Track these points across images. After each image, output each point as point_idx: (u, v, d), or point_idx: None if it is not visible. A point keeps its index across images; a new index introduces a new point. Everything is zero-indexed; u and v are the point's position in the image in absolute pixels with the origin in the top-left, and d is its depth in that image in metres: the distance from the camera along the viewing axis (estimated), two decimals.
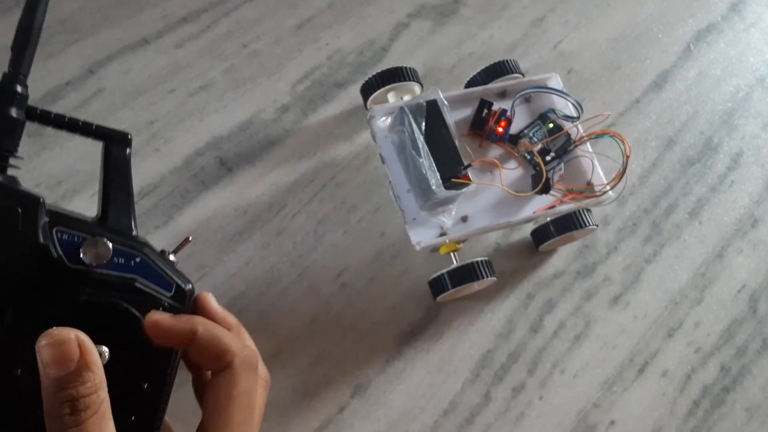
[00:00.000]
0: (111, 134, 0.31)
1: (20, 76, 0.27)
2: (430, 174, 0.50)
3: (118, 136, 0.32)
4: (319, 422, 0.51)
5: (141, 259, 0.29)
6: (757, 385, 0.59)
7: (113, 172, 0.31)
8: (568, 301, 0.59)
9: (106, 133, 0.31)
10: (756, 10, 0.78)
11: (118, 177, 0.31)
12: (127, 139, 0.32)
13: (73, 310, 0.26)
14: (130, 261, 0.28)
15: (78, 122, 0.30)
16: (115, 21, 0.63)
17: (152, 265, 0.29)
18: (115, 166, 0.31)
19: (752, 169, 0.69)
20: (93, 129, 0.30)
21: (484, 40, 0.69)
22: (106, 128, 0.31)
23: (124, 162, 0.31)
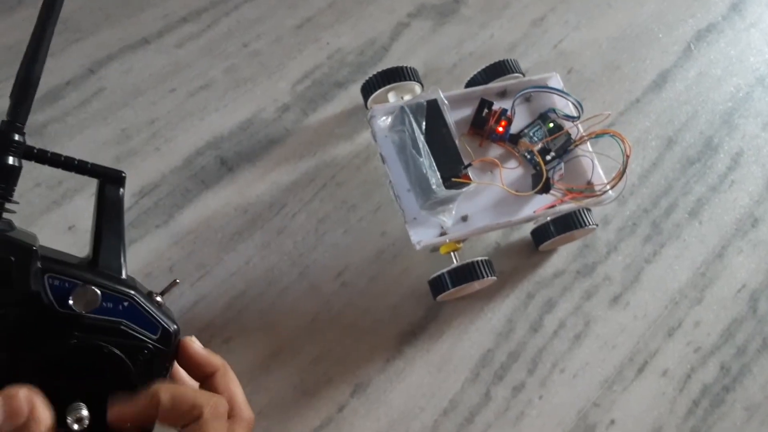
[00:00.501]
0: (106, 173, 0.32)
1: (18, 125, 0.28)
2: (431, 173, 0.50)
3: (112, 175, 0.32)
4: (319, 421, 0.52)
5: (129, 303, 0.29)
6: (757, 384, 0.59)
7: (106, 212, 0.31)
8: (568, 301, 0.59)
9: (101, 171, 0.31)
10: (756, 10, 0.78)
11: (111, 218, 0.31)
12: (121, 177, 0.32)
13: (62, 353, 0.27)
14: (118, 305, 0.29)
15: (74, 161, 0.31)
16: (115, 20, 0.63)
17: (139, 308, 0.30)
18: (108, 207, 0.31)
19: (752, 168, 0.69)
20: (88, 167, 0.31)
21: (484, 40, 0.69)
22: (101, 167, 0.32)
23: (117, 202, 0.32)
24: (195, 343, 0.33)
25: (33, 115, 0.56)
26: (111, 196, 0.32)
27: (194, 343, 0.33)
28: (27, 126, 0.29)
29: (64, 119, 0.57)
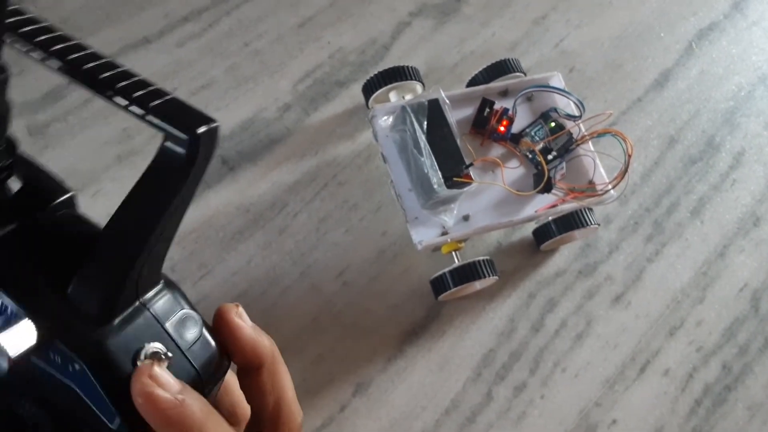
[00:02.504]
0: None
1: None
2: (432, 173, 0.50)
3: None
4: (321, 420, 0.52)
5: (80, 368, 0.20)
6: (759, 383, 0.59)
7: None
8: (570, 300, 0.59)
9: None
10: (758, 8, 0.78)
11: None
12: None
13: None
14: (67, 364, 0.20)
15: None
16: (116, 20, 0.63)
17: (92, 382, 0.20)
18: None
19: (754, 167, 0.69)
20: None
21: (485, 39, 0.69)
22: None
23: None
24: (244, 325, 0.24)
25: (34, 114, 0.57)
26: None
27: (244, 328, 0.24)
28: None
29: (65, 118, 0.57)
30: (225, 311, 0.24)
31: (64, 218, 0.23)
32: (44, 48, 0.19)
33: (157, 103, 0.19)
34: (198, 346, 0.23)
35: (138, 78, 0.19)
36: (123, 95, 0.19)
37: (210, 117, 0.19)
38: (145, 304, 0.22)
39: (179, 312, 0.23)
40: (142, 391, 0.19)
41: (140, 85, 0.19)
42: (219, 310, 0.25)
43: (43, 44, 0.19)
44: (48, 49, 0.19)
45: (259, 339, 0.25)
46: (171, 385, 0.20)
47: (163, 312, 0.22)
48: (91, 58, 0.20)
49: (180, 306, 0.23)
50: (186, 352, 0.22)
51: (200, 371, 0.22)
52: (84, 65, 0.19)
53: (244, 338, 0.24)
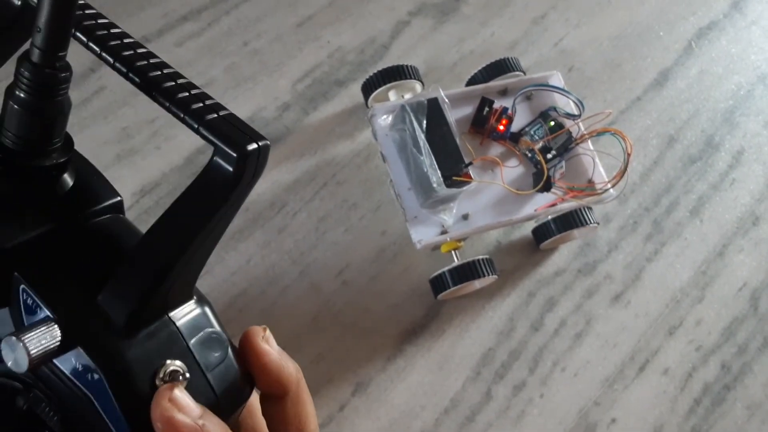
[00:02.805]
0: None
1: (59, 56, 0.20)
2: (431, 172, 0.50)
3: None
4: (320, 420, 0.52)
5: (98, 378, 0.20)
6: (758, 383, 0.59)
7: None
8: (569, 299, 0.59)
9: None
10: (757, 7, 0.78)
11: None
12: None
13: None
14: (86, 374, 0.20)
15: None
16: (115, 19, 0.62)
17: (108, 393, 0.20)
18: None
19: (753, 167, 0.69)
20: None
21: (485, 38, 0.69)
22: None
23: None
24: (271, 351, 0.24)
25: None
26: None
27: (270, 354, 0.23)
28: None
29: None
30: (251, 335, 0.24)
31: (107, 222, 0.22)
32: (113, 53, 0.20)
33: (210, 118, 0.19)
34: (221, 368, 0.22)
35: (199, 91, 0.20)
36: (180, 107, 0.19)
37: (261, 135, 0.19)
38: (173, 319, 0.21)
39: (206, 330, 0.22)
40: (162, 416, 0.19)
41: (199, 97, 0.20)
42: (246, 334, 0.24)
43: (113, 49, 0.20)
44: (118, 55, 0.20)
45: (284, 366, 0.24)
46: (191, 409, 0.20)
47: (190, 329, 0.22)
48: (158, 67, 0.20)
49: (208, 325, 0.23)
50: (207, 373, 0.22)
51: (219, 395, 0.22)
52: (150, 73, 0.20)
53: (269, 365, 0.24)
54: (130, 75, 0.20)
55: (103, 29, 0.20)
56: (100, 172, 0.24)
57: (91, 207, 0.22)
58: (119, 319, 0.20)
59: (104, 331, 0.20)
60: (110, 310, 0.20)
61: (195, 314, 0.22)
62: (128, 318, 0.20)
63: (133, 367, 0.20)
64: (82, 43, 0.20)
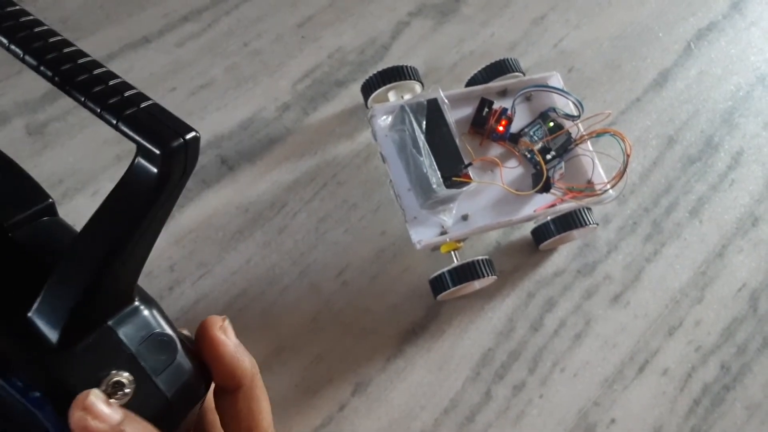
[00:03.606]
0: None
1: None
2: (431, 173, 0.50)
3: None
4: (320, 420, 0.52)
5: (40, 396, 0.19)
6: (757, 383, 0.59)
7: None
8: (569, 300, 0.59)
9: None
10: (757, 8, 0.78)
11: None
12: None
13: None
14: (27, 391, 0.19)
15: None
16: (116, 19, 0.63)
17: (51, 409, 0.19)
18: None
19: (753, 167, 0.69)
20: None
21: (485, 39, 0.69)
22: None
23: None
24: (227, 342, 0.23)
25: (33, 114, 0.57)
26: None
27: (226, 345, 0.23)
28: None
29: (64, 118, 0.57)
30: (209, 325, 0.23)
31: (36, 230, 0.21)
32: (22, 45, 0.18)
33: (130, 112, 0.17)
34: (171, 370, 0.21)
35: (117, 81, 0.17)
36: (96, 101, 0.17)
37: (189, 127, 0.17)
38: (113, 326, 0.20)
39: (152, 333, 0.21)
40: (77, 424, 0.18)
41: (118, 89, 0.17)
42: (203, 324, 0.23)
43: (22, 41, 0.18)
44: (26, 47, 0.18)
45: (240, 359, 0.23)
46: (108, 416, 0.18)
47: (133, 334, 0.20)
48: (71, 58, 0.18)
49: (153, 327, 0.21)
50: (156, 378, 0.21)
51: (171, 397, 0.21)
52: (62, 66, 0.18)
53: (224, 356, 0.23)
54: (41, 69, 0.18)
55: (10, 19, 0.18)
56: (25, 174, 0.22)
57: (18, 215, 0.21)
58: (52, 335, 0.19)
59: (38, 349, 0.19)
60: (42, 326, 0.19)
61: (137, 318, 0.21)
62: (61, 333, 0.19)
63: (73, 382, 0.19)
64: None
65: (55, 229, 0.21)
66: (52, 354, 0.19)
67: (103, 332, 0.20)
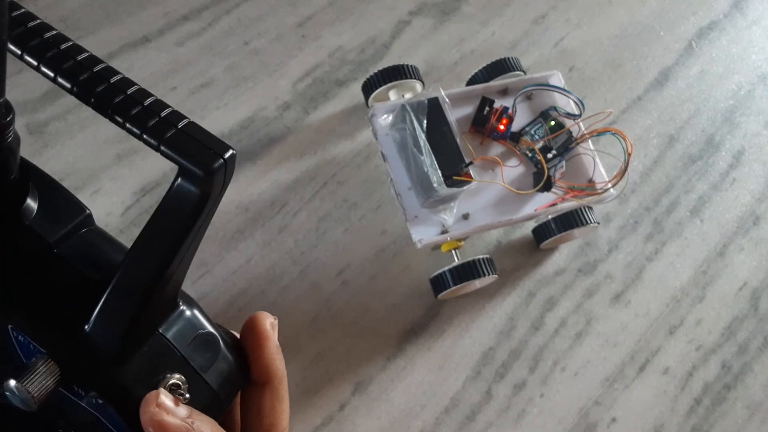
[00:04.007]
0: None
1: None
2: (432, 171, 0.50)
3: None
4: (320, 419, 0.52)
5: (103, 403, 0.21)
6: (758, 382, 0.59)
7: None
8: (570, 299, 0.59)
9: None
10: (758, 7, 0.78)
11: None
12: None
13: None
14: (91, 397, 0.21)
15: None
16: (116, 19, 0.63)
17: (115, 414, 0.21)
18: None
19: (754, 166, 0.69)
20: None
21: (485, 38, 0.69)
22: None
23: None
24: (273, 338, 0.25)
25: (34, 113, 0.57)
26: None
27: (271, 340, 0.25)
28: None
29: (65, 117, 0.57)
30: (262, 319, 0.25)
31: (79, 242, 0.22)
32: (53, 66, 0.18)
33: (170, 135, 0.18)
34: (216, 365, 0.23)
35: (152, 100, 0.18)
36: (136, 124, 0.18)
37: (226, 145, 0.18)
38: (163, 333, 0.22)
39: (197, 334, 0.23)
40: (152, 420, 0.20)
41: (154, 110, 0.18)
42: (256, 316, 0.25)
43: (52, 61, 0.18)
44: (59, 68, 0.18)
45: (279, 357, 0.25)
46: (178, 411, 0.20)
47: (181, 337, 0.22)
48: (103, 78, 0.18)
49: (197, 327, 0.23)
50: (204, 375, 0.22)
51: (218, 391, 0.23)
52: (96, 88, 0.18)
53: (269, 350, 0.24)
54: (75, 90, 0.19)
55: (35, 36, 0.18)
56: (62, 188, 0.23)
57: (61, 230, 0.22)
58: (112, 348, 0.20)
59: (99, 360, 0.20)
60: (101, 341, 0.20)
61: (183, 321, 0.22)
62: (120, 344, 0.20)
63: (135, 389, 0.20)
64: (16, 55, 0.18)
65: (96, 240, 0.23)
66: (113, 364, 0.20)
67: (155, 340, 0.21)
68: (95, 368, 0.20)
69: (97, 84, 0.18)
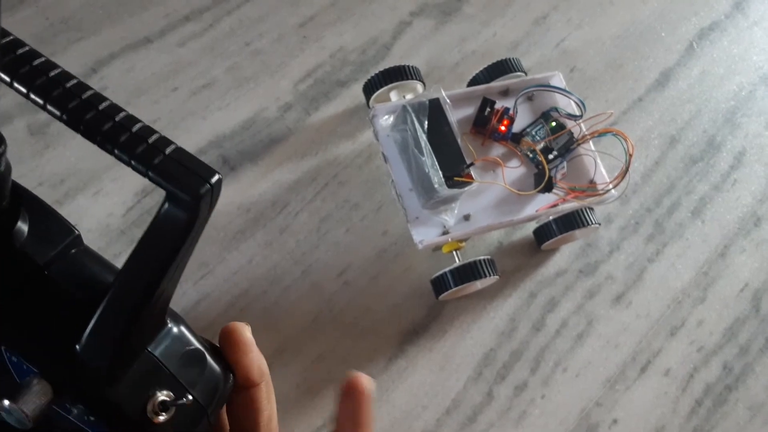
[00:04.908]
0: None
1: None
2: (433, 172, 0.50)
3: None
4: (321, 419, 0.52)
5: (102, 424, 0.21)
6: (759, 384, 0.59)
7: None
8: (571, 300, 0.59)
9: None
10: (759, 8, 0.78)
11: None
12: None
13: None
14: (84, 415, 0.21)
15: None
16: (118, 19, 0.63)
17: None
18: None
19: (755, 167, 0.69)
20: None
21: (486, 38, 0.69)
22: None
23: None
24: (254, 343, 0.25)
25: (35, 114, 0.57)
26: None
27: (254, 345, 0.25)
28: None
29: None
30: (240, 329, 0.25)
31: (68, 264, 0.23)
32: (42, 94, 0.19)
33: (158, 161, 0.19)
34: (203, 379, 0.23)
35: (139, 126, 0.19)
36: (124, 151, 0.19)
37: (212, 170, 0.19)
38: (152, 351, 0.22)
39: (184, 351, 0.23)
40: None
41: (141, 136, 0.19)
42: (233, 328, 0.25)
43: (41, 90, 0.19)
44: (48, 96, 0.19)
45: (260, 357, 0.25)
46: None
47: (170, 355, 0.23)
48: (93, 103, 0.19)
49: (184, 344, 0.23)
50: (193, 391, 0.23)
51: (206, 405, 0.23)
52: (85, 115, 0.19)
53: (254, 354, 0.25)
54: (63, 118, 0.19)
55: (23, 63, 0.19)
56: (51, 210, 0.23)
57: (51, 252, 0.22)
58: (103, 367, 0.21)
59: (91, 379, 0.21)
60: (92, 360, 0.21)
61: (171, 339, 0.23)
62: (110, 363, 0.21)
63: (125, 405, 0.21)
64: (5, 83, 0.19)
65: (85, 260, 0.23)
66: (104, 383, 0.21)
67: (144, 358, 0.22)
68: (87, 387, 0.21)
69: (86, 111, 0.19)
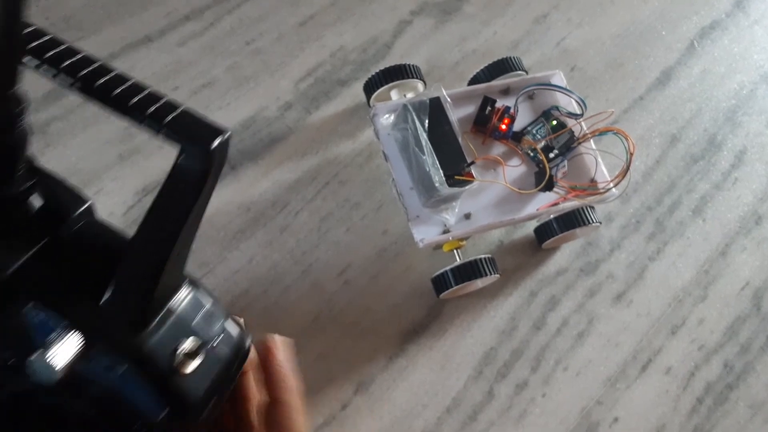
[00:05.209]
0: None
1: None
2: (433, 171, 0.50)
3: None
4: (322, 419, 0.52)
5: (124, 371, 0.22)
6: (760, 382, 0.59)
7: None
8: (571, 299, 0.59)
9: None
10: (760, 6, 0.78)
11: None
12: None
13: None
14: (109, 370, 0.22)
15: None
16: (118, 19, 0.63)
17: (137, 381, 0.22)
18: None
19: (756, 166, 0.69)
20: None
21: (487, 37, 0.69)
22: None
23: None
24: (279, 353, 0.27)
25: (36, 113, 0.57)
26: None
27: (278, 354, 0.27)
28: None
29: (67, 117, 0.57)
30: (279, 345, 0.28)
31: (84, 229, 0.24)
32: (54, 64, 0.20)
33: (170, 119, 0.20)
34: (223, 337, 0.25)
35: (147, 91, 0.20)
36: (136, 113, 0.20)
37: (221, 128, 0.20)
38: (172, 308, 0.23)
39: (203, 309, 0.25)
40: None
41: (151, 99, 0.20)
42: (271, 345, 0.28)
43: (53, 60, 0.20)
44: (59, 66, 0.20)
45: (290, 375, 0.27)
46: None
47: (189, 312, 0.24)
48: (101, 73, 0.20)
49: (203, 303, 0.25)
50: (214, 345, 0.24)
51: (227, 360, 0.25)
52: (95, 82, 0.20)
53: (277, 370, 0.27)
54: (77, 85, 0.20)
55: (44, 42, 0.20)
56: (64, 182, 0.24)
57: (66, 219, 0.23)
58: (130, 317, 0.22)
59: (119, 329, 0.22)
60: (119, 311, 0.22)
61: (190, 298, 0.24)
62: (138, 314, 0.22)
63: (156, 353, 0.22)
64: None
65: (100, 226, 0.24)
66: (132, 333, 0.22)
67: (166, 313, 0.23)
68: (114, 336, 0.22)
69: (97, 78, 0.20)
